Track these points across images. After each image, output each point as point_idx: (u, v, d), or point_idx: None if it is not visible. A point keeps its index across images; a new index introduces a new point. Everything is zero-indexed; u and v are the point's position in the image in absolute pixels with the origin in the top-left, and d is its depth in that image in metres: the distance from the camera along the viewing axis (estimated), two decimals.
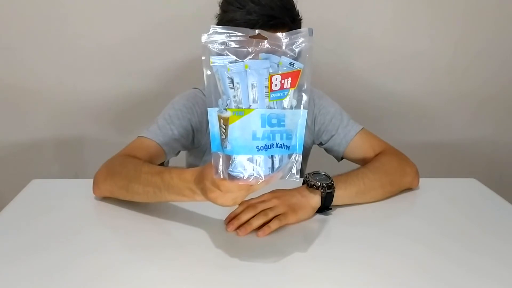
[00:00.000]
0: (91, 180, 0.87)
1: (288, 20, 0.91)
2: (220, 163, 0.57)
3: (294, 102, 0.59)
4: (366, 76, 1.67)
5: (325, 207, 0.84)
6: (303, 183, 0.87)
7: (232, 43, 0.56)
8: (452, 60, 1.67)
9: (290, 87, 0.57)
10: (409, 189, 0.96)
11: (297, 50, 0.57)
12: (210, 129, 0.57)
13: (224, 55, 0.56)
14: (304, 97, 0.59)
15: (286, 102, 0.58)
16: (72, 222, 0.81)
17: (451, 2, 1.59)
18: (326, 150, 1.11)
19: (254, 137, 0.55)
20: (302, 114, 0.59)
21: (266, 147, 0.56)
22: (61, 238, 0.75)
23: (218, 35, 0.56)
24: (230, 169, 0.56)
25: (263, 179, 0.56)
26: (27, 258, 0.68)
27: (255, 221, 0.77)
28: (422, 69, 1.67)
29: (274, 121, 0.56)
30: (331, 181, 0.84)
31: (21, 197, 0.91)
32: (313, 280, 0.66)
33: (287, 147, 0.58)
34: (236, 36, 0.56)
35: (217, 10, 0.96)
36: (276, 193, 0.82)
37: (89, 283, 0.63)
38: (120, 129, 1.65)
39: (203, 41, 0.55)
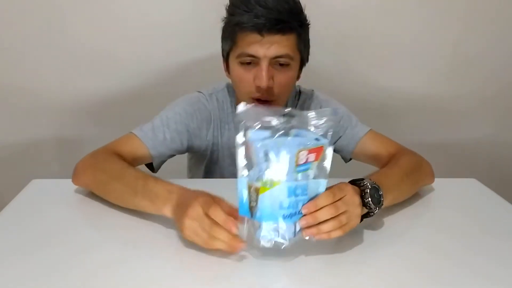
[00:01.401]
0: None
1: (296, 24, 0.90)
2: (246, 226, 0.66)
3: (316, 173, 0.65)
4: (366, 76, 1.67)
5: None
6: (353, 183, 0.73)
7: (265, 118, 0.62)
8: (452, 60, 1.67)
9: (314, 160, 0.64)
10: None
11: (321, 127, 0.64)
12: (238, 195, 0.64)
13: (257, 129, 0.62)
14: (325, 168, 0.65)
15: (309, 173, 0.64)
16: (72, 222, 0.81)
17: (451, 2, 1.59)
18: (334, 150, 1.10)
19: (281, 206, 0.62)
20: (322, 184, 0.66)
21: (291, 215, 0.63)
22: (61, 238, 0.75)
23: (253, 110, 0.63)
24: (257, 235, 0.64)
25: (288, 242, 0.64)
26: (27, 258, 0.68)
27: (326, 226, 0.65)
28: (422, 69, 1.67)
29: (298, 191, 0.63)
30: (382, 202, 0.74)
31: (21, 197, 0.91)
32: (315, 280, 0.66)
33: None
34: (269, 112, 0.63)
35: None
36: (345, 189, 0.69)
37: (89, 283, 0.63)
38: (120, 129, 1.64)
39: (238, 112, 0.62)
